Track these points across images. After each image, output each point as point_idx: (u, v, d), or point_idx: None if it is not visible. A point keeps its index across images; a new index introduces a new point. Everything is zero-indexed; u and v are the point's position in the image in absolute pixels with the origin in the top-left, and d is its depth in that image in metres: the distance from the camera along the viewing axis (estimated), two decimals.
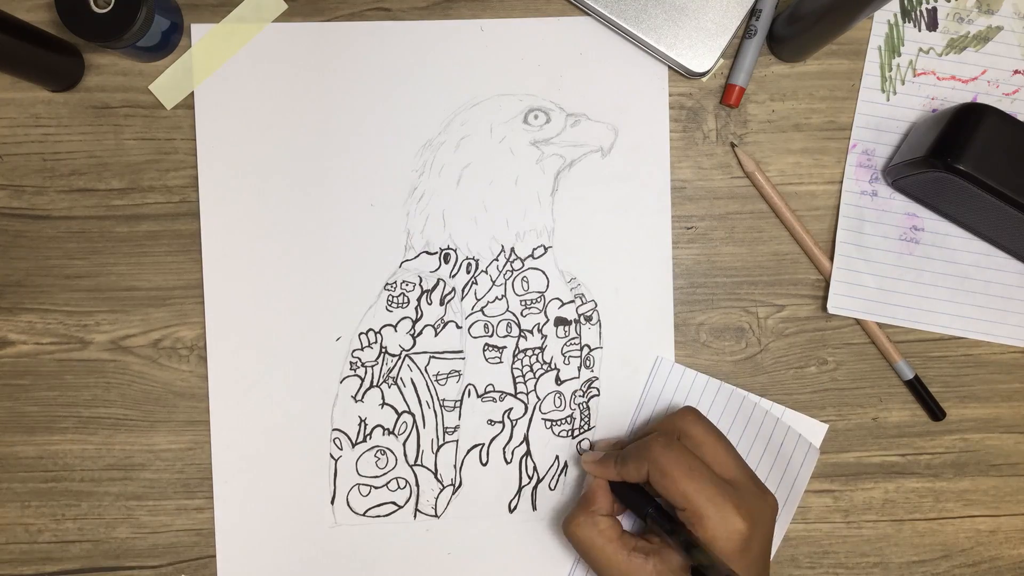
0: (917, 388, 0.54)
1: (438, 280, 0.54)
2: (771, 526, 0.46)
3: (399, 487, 0.54)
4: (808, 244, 0.53)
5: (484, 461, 0.54)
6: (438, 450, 0.54)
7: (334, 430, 0.54)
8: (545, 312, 0.54)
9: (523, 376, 0.54)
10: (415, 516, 0.54)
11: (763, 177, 0.53)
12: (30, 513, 0.54)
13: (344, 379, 0.54)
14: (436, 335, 0.54)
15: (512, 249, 0.54)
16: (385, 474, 0.54)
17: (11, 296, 0.54)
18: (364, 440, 0.54)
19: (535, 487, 0.54)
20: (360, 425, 0.54)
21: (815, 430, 0.54)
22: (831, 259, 0.53)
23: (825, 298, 0.54)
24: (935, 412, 0.54)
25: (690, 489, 0.44)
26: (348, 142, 0.54)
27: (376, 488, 0.54)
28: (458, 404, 0.54)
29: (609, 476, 0.49)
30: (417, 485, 0.54)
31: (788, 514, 0.53)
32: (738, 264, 0.54)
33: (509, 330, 0.54)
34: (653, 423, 0.53)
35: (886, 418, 0.54)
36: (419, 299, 0.54)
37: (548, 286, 0.54)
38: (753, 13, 0.53)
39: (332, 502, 0.54)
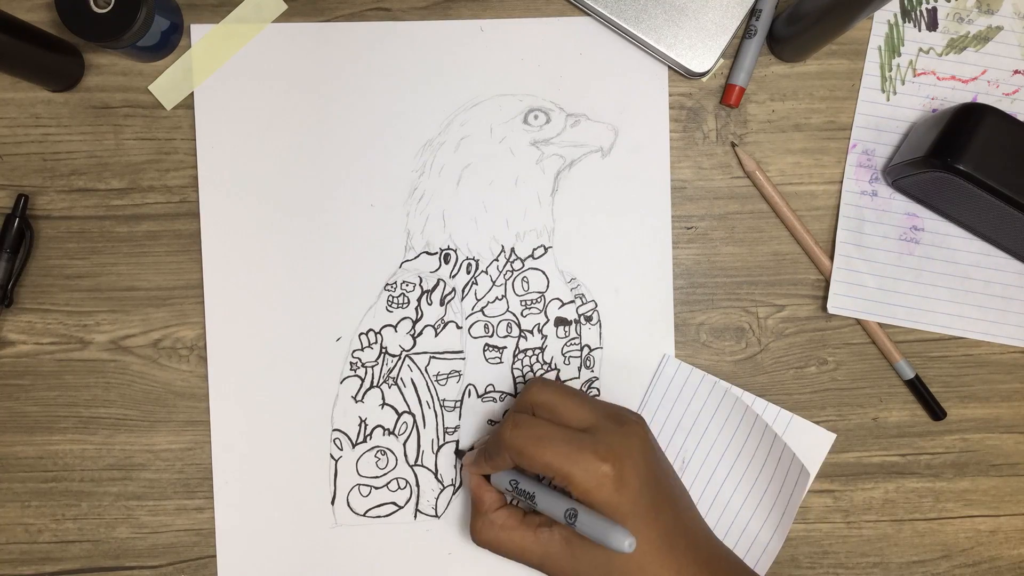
0: (917, 388, 0.54)
1: (438, 280, 0.54)
2: (641, 452, 0.45)
3: (399, 487, 0.54)
4: (808, 244, 0.53)
5: None
6: (438, 450, 0.54)
7: (334, 430, 0.54)
8: (545, 312, 0.54)
9: (523, 376, 0.54)
10: (415, 516, 0.54)
11: (763, 177, 0.53)
12: (30, 513, 0.54)
13: (344, 379, 0.54)
14: (436, 335, 0.54)
15: (512, 249, 0.54)
16: (385, 474, 0.54)
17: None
18: (364, 440, 0.54)
19: None
20: (360, 425, 0.54)
21: (821, 439, 0.54)
22: (831, 259, 0.53)
23: (825, 298, 0.54)
24: (936, 412, 0.54)
25: (546, 457, 0.44)
26: (348, 142, 0.54)
27: (376, 488, 0.54)
28: (458, 404, 0.54)
29: (483, 471, 0.49)
30: (417, 485, 0.54)
31: (784, 528, 0.52)
32: (738, 264, 0.54)
33: (509, 330, 0.54)
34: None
35: (886, 418, 0.54)
36: (419, 299, 0.54)
37: (548, 286, 0.54)
38: (753, 13, 0.53)
39: (332, 502, 0.54)
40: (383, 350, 0.54)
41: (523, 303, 0.54)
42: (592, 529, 0.42)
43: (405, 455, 0.54)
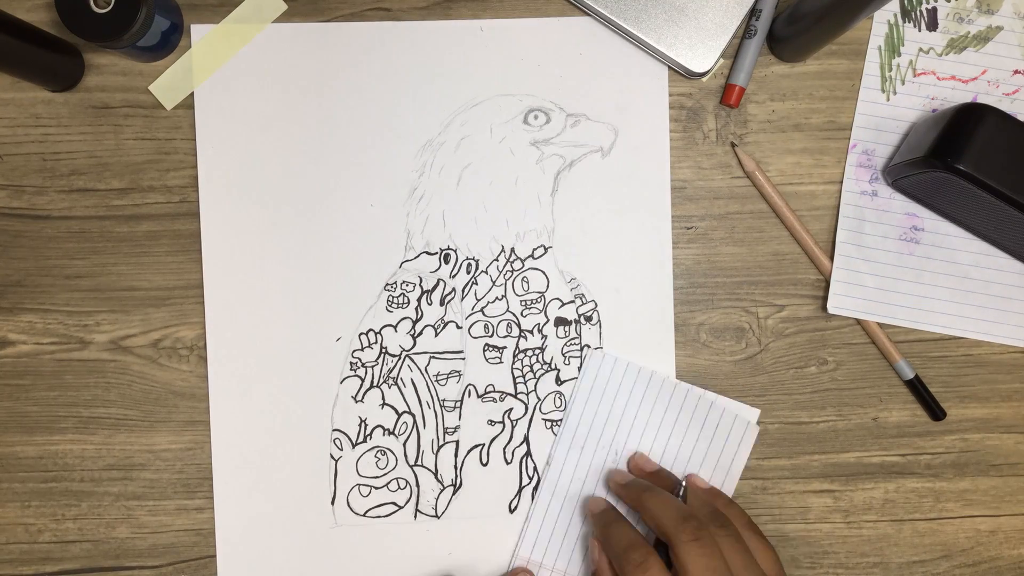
0: (917, 388, 0.54)
1: (438, 280, 0.54)
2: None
3: (399, 487, 0.54)
4: (808, 244, 0.53)
5: (484, 461, 0.54)
6: (438, 450, 0.54)
7: (334, 430, 0.54)
8: (545, 312, 0.54)
9: (523, 376, 0.54)
10: (415, 516, 0.54)
11: (763, 177, 0.53)
12: (30, 513, 0.54)
13: (344, 379, 0.54)
14: (436, 335, 0.54)
15: (512, 249, 0.54)
16: (385, 474, 0.54)
17: (11, 296, 0.54)
18: (364, 440, 0.54)
19: (535, 487, 0.54)
20: (360, 425, 0.54)
21: (748, 415, 0.54)
22: (831, 259, 0.53)
23: (825, 298, 0.54)
24: (935, 412, 0.54)
25: None
26: (348, 142, 0.54)
27: (376, 488, 0.54)
28: (458, 404, 0.54)
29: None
30: (417, 485, 0.54)
31: (729, 490, 0.53)
32: (738, 264, 0.54)
33: (509, 330, 0.54)
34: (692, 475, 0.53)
35: (886, 418, 0.54)
36: (419, 299, 0.54)
37: (548, 286, 0.54)
38: (753, 13, 0.53)
39: (332, 502, 0.54)
40: (383, 350, 0.54)
41: (523, 303, 0.54)
42: None
43: (405, 455, 0.54)
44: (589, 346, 0.54)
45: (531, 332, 0.54)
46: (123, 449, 0.54)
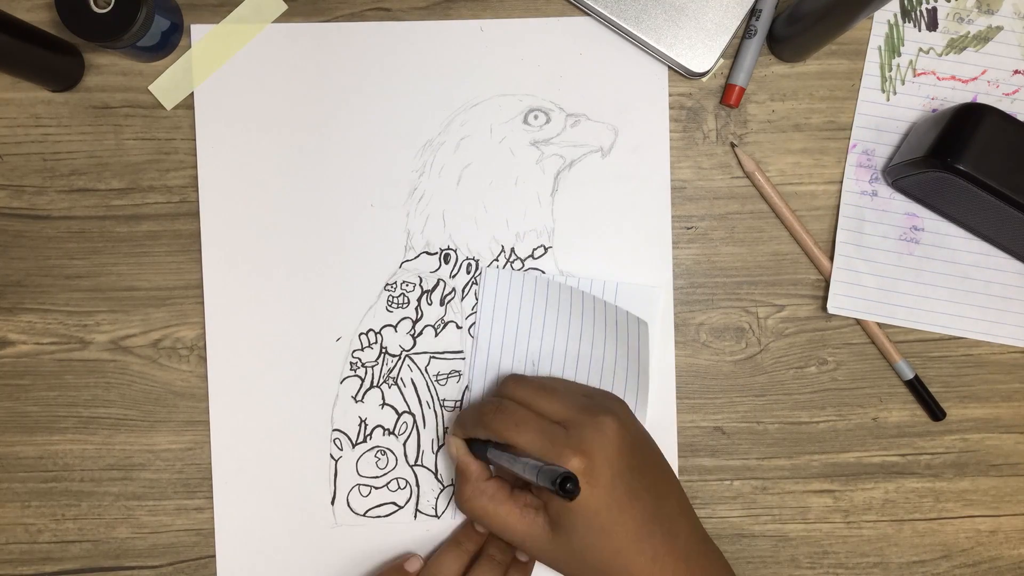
0: (917, 388, 0.54)
1: (438, 280, 0.54)
2: (616, 444, 0.45)
3: (399, 487, 0.54)
4: (808, 244, 0.53)
5: None
6: (439, 450, 0.54)
7: (334, 430, 0.54)
8: None
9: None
10: (415, 516, 0.54)
11: (763, 177, 0.53)
12: (30, 513, 0.54)
13: (344, 379, 0.54)
14: (436, 335, 0.54)
15: (512, 249, 0.54)
16: (385, 474, 0.54)
17: (11, 296, 0.54)
18: (364, 440, 0.54)
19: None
20: (360, 425, 0.54)
21: (652, 294, 0.53)
22: (831, 259, 0.53)
23: (825, 298, 0.54)
24: (935, 412, 0.54)
25: (522, 442, 0.45)
26: (348, 142, 0.54)
27: (376, 488, 0.54)
28: (458, 404, 0.54)
29: (458, 434, 0.50)
30: (417, 485, 0.54)
31: (644, 391, 0.52)
32: (738, 264, 0.54)
33: None
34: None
35: (886, 418, 0.54)
36: (419, 299, 0.54)
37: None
38: (753, 13, 0.52)
39: (332, 502, 0.54)
40: (383, 350, 0.54)
41: None
42: (547, 475, 0.40)
43: (405, 455, 0.54)
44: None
45: None
46: (123, 449, 0.54)
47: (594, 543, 0.44)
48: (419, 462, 0.54)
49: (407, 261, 0.54)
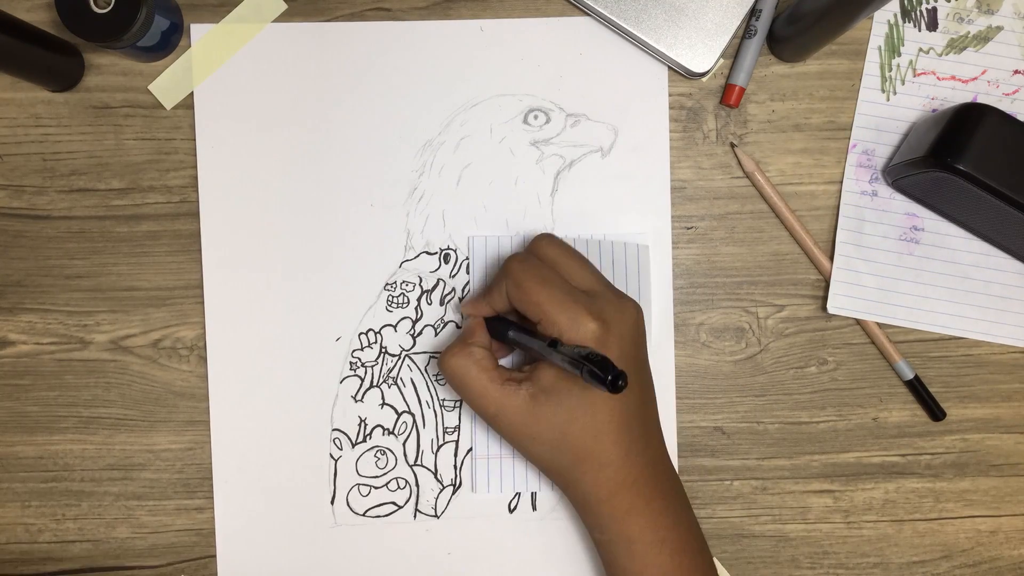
0: (917, 388, 0.54)
1: (438, 280, 0.54)
2: (631, 329, 0.46)
3: (399, 487, 0.54)
4: (808, 244, 0.53)
5: None
6: (438, 450, 0.54)
7: (334, 430, 0.54)
8: None
9: None
10: (415, 516, 0.54)
11: (763, 177, 0.53)
12: (30, 513, 0.54)
13: (344, 379, 0.54)
14: (436, 335, 0.54)
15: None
16: (385, 474, 0.54)
17: (11, 296, 0.54)
18: (364, 440, 0.54)
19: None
20: (360, 425, 0.54)
21: (638, 240, 0.53)
22: (831, 259, 0.53)
23: (825, 298, 0.54)
24: (935, 412, 0.54)
25: (542, 297, 0.44)
26: (348, 142, 0.54)
27: (376, 488, 0.54)
28: (458, 404, 0.54)
29: (481, 311, 0.49)
30: (417, 485, 0.54)
31: (655, 319, 0.52)
32: (738, 264, 0.54)
33: None
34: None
35: (886, 418, 0.54)
36: (419, 299, 0.54)
37: None
38: (753, 13, 0.52)
39: (332, 502, 0.54)
40: (383, 350, 0.54)
41: None
42: (581, 360, 0.40)
43: (405, 455, 0.54)
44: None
45: None
46: (123, 449, 0.54)
47: (579, 417, 0.44)
48: (419, 462, 0.54)
49: (407, 261, 0.54)
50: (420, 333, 0.54)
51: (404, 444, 0.54)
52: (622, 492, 0.45)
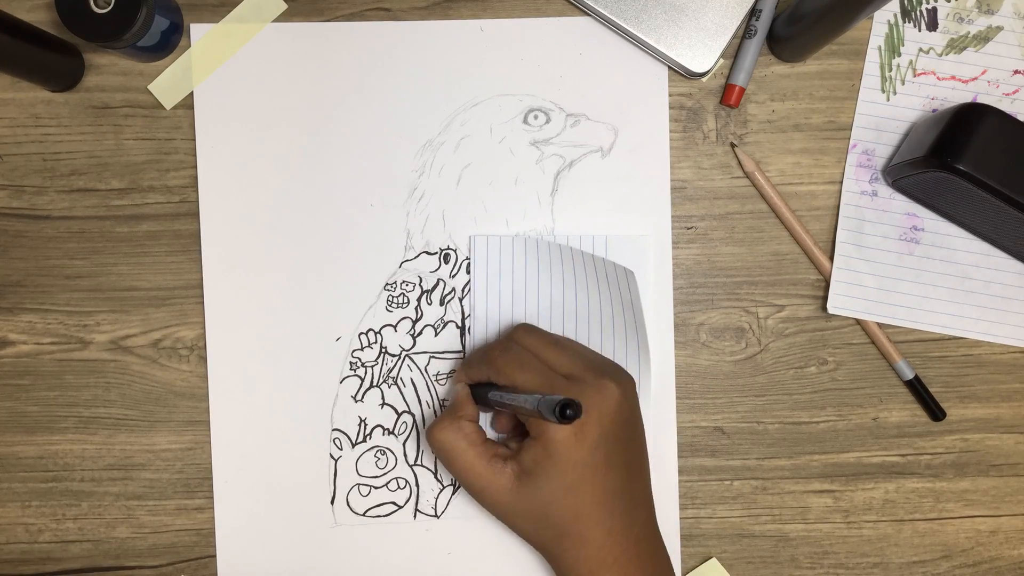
0: (917, 388, 0.54)
1: (438, 280, 0.54)
2: (613, 409, 0.45)
3: (399, 487, 0.54)
4: (808, 244, 0.53)
5: None
6: None
7: (334, 430, 0.54)
8: None
9: None
10: (415, 516, 0.54)
11: (763, 177, 0.53)
12: (30, 513, 0.54)
13: (344, 379, 0.54)
14: (436, 335, 0.54)
15: None
16: (385, 474, 0.54)
17: (11, 296, 0.54)
18: (364, 440, 0.54)
19: None
20: (360, 425, 0.54)
21: (643, 242, 0.53)
22: (831, 259, 0.53)
23: (825, 298, 0.54)
24: (935, 413, 0.54)
25: (521, 381, 0.45)
26: (348, 142, 0.54)
27: (376, 488, 0.54)
28: None
29: (463, 379, 0.50)
30: (417, 485, 0.54)
31: (645, 341, 0.52)
32: (738, 264, 0.54)
33: None
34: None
35: (886, 418, 0.54)
36: (419, 299, 0.54)
37: None
38: (753, 13, 0.52)
39: (332, 502, 0.54)
40: (383, 350, 0.54)
41: None
42: (548, 403, 0.40)
43: (405, 455, 0.54)
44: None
45: None
46: (123, 449, 0.54)
47: (559, 499, 0.45)
48: (419, 462, 0.54)
49: (407, 261, 0.54)
50: (420, 333, 0.54)
51: (404, 444, 0.54)
52: (603, 571, 0.45)
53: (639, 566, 0.46)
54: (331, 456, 0.54)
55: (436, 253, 0.54)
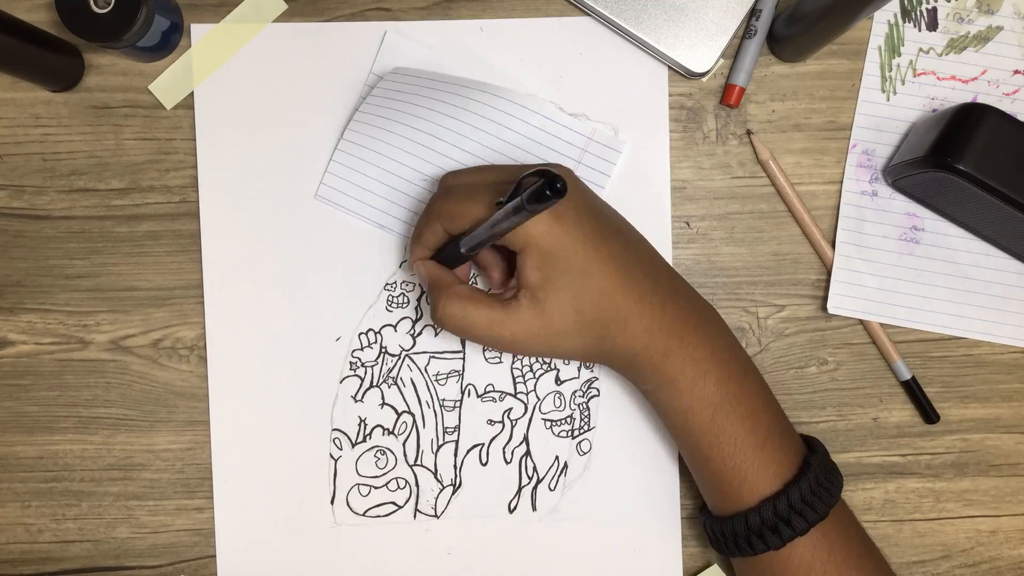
0: (913, 390, 0.54)
1: None
2: (576, 184, 0.45)
3: (399, 487, 0.54)
4: (816, 236, 0.53)
5: (484, 461, 0.54)
6: (438, 450, 0.54)
7: (334, 430, 0.54)
8: None
9: (523, 376, 0.54)
10: (415, 516, 0.54)
11: (776, 167, 0.53)
12: (30, 513, 0.54)
13: (344, 379, 0.54)
14: (436, 335, 0.54)
15: None
16: (385, 474, 0.54)
17: (11, 296, 0.54)
18: (364, 440, 0.54)
19: (535, 487, 0.54)
20: (360, 425, 0.54)
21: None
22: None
23: (825, 298, 0.54)
24: (929, 415, 0.54)
25: (476, 210, 0.44)
26: None
27: (376, 488, 0.54)
28: (458, 404, 0.54)
29: (421, 255, 0.48)
30: (417, 485, 0.54)
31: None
32: (738, 264, 0.54)
33: None
34: None
35: (886, 418, 0.54)
36: (419, 299, 0.54)
37: None
38: (753, 13, 0.52)
39: (332, 502, 0.54)
40: (383, 350, 0.54)
41: None
42: (531, 191, 0.38)
43: (405, 455, 0.54)
44: None
45: None
46: (123, 449, 0.54)
47: (579, 291, 0.44)
48: (419, 462, 0.54)
49: (407, 261, 0.54)
50: (420, 333, 0.54)
51: (404, 444, 0.54)
52: (654, 337, 0.45)
53: (685, 321, 0.45)
54: (331, 456, 0.54)
55: None
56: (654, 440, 0.54)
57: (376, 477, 0.54)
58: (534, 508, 0.54)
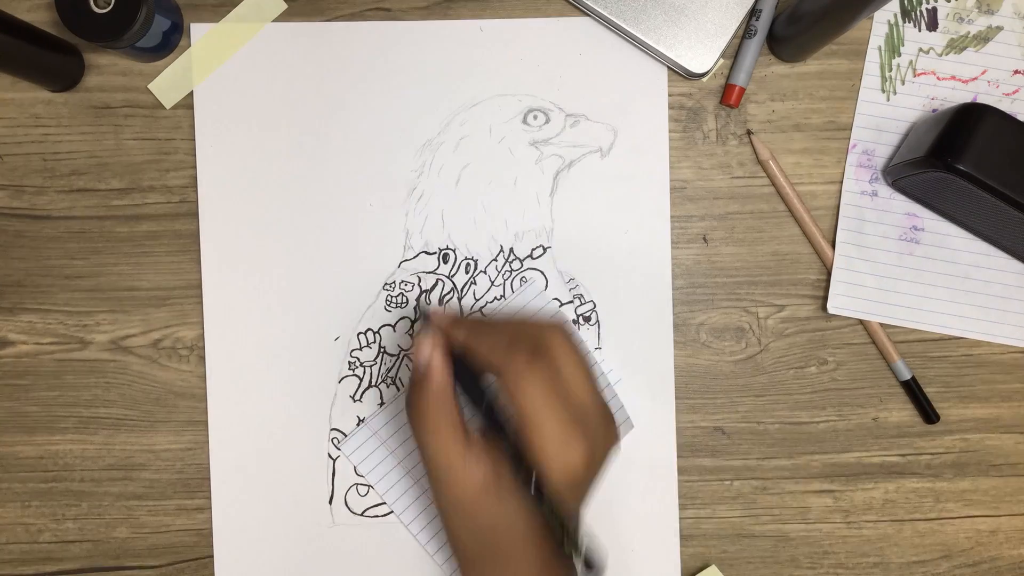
0: (913, 390, 0.54)
1: (437, 280, 0.54)
2: (605, 456, 0.43)
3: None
4: (816, 236, 0.53)
5: None
6: None
7: (332, 430, 0.54)
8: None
9: None
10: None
11: (776, 166, 0.53)
12: (30, 513, 0.54)
13: (343, 379, 0.54)
14: None
15: (511, 249, 0.54)
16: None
17: (11, 296, 0.54)
18: None
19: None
20: (359, 425, 0.54)
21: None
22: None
23: (825, 298, 0.54)
24: (928, 415, 0.54)
25: (540, 417, 0.40)
26: (347, 142, 0.54)
27: (374, 488, 0.54)
28: None
29: (458, 338, 0.43)
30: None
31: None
32: (738, 264, 0.54)
33: None
34: (517, 313, 0.51)
35: (886, 418, 0.54)
36: (418, 299, 0.54)
37: (547, 286, 0.54)
38: (753, 13, 0.52)
39: (330, 502, 0.54)
40: (381, 349, 0.54)
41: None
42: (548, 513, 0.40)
43: None
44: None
45: None
46: (123, 449, 0.54)
47: (517, 522, 0.42)
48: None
49: (406, 261, 0.54)
50: None
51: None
52: None
53: None
54: (329, 456, 0.54)
55: (435, 253, 0.54)
56: (653, 440, 0.54)
57: None
58: None
